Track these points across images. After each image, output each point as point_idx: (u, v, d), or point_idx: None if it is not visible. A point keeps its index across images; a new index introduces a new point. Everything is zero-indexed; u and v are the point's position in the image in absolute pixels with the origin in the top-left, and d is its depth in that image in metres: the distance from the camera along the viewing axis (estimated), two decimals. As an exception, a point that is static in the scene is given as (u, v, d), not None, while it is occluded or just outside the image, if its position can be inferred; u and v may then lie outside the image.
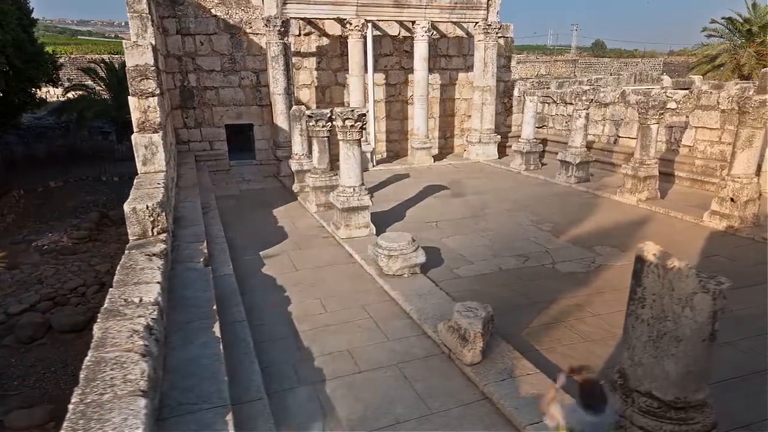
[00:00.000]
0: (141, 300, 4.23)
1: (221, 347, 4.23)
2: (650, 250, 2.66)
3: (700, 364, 2.69)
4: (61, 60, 27.10)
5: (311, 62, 15.10)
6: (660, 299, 2.67)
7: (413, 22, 14.12)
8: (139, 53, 8.10)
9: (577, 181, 12.32)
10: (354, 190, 8.43)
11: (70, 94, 21.94)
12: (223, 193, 11.86)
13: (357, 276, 7.11)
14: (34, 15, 19.24)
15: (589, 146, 13.08)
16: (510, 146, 15.03)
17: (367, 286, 6.75)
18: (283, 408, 4.20)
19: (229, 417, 3.36)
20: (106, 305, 4.13)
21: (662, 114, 10.38)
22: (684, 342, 2.64)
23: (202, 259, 6.30)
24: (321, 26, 14.84)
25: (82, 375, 3.16)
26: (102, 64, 20.59)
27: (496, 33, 14.76)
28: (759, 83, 12.09)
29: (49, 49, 23.89)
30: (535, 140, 14.18)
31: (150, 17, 9.49)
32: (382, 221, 9.15)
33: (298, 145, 11.72)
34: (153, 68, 8.17)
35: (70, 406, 2.88)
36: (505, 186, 12.54)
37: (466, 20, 14.80)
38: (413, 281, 6.60)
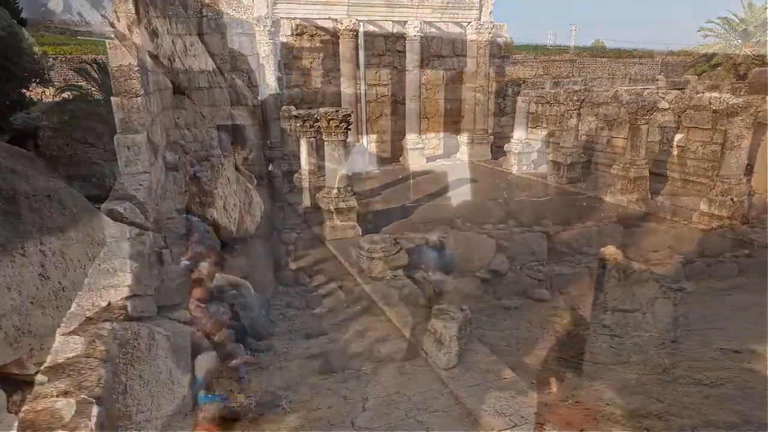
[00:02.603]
0: (109, 304, 4.17)
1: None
2: (611, 253, 2.59)
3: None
4: (57, 60, 26.98)
5: (304, 62, 15.02)
6: (621, 304, 2.60)
7: (405, 22, 14.05)
8: (122, 53, 8.03)
9: (568, 181, 12.24)
10: (339, 191, 8.36)
11: (65, 94, 21.79)
12: (213, 193, 11.75)
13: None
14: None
15: (582, 146, 13.01)
16: (503, 146, 14.93)
17: (349, 288, 6.68)
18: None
19: None
20: (72, 309, 4.07)
21: (652, 114, 10.30)
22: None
23: (181, 261, 6.23)
24: (313, 26, 14.76)
25: None
26: (94, 65, 20.45)
27: (489, 33, 14.69)
28: (750, 83, 12.00)
29: (41, 49, 23.79)
30: (527, 140, 14.10)
31: (137, 17, 9.42)
32: (371, 222, 9.08)
33: (287, 146, 11.66)
34: (137, 68, 8.08)
35: None
36: (497, 186, 12.47)
37: (459, 20, 14.73)
38: (395, 284, 6.53)
